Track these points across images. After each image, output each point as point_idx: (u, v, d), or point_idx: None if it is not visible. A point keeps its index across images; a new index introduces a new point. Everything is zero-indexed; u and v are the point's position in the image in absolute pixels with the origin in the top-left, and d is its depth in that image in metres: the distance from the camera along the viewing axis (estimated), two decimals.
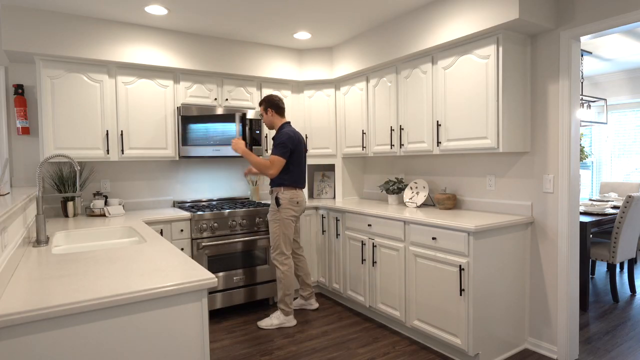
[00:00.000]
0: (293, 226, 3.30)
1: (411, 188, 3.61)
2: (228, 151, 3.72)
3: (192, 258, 3.12)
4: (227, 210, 3.49)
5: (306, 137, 4.25)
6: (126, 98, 3.35)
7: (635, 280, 4.39)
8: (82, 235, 2.55)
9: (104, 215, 3.26)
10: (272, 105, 3.31)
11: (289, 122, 3.35)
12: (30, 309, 1.16)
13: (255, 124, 3.85)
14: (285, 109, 4.15)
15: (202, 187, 4.04)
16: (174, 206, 3.86)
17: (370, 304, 3.35)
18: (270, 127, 3.37)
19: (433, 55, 3.09)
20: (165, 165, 3.86)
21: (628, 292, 4.03)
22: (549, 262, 2.76)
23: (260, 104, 3.36)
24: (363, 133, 3.83)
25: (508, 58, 2.68)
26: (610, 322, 3.29)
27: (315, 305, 3.63)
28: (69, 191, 3.25)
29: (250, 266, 3.59)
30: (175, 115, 3.58)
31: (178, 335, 1.41)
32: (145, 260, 1.71)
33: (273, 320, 3.26)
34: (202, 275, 1.46)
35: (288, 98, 4.17)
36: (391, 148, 3.51)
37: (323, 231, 3.90)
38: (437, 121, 3.07)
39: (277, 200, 3.24)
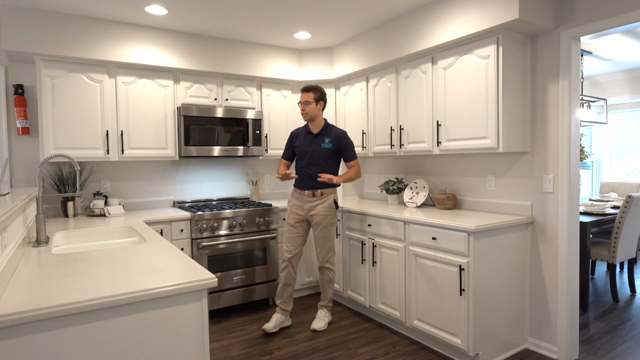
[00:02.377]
0: None
1: (411, 188, 3.61)
2: (234, 151, 3.73)
3: (192, 258, 3.12)
4: (227, 210, 3.49)
5: None
6: (126, 98, 3.35)
7: (635, 280, 4.39)
8: (82, 235, 2.55)
9: (104, 215, 3.26)
10: (325, 100, 3.15)
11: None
12: (30, 309, 1.16)
13: (255, 124, 3.85)
14: (286, 109, 4.17)
15: (202, 187, 4.05)
16: (174, 206, 3.86)
17: (370, 304, 3.35)
18: (310, 119, 3.13)
19: (433, 55, 3.09)
20: (165, 165, 3.86)
21: (628, 292, 4.03)
22: (549, 262, 2.76)
23: (310, 90, 3.09)
24: (363, 133, 3.83)
25: (508, 58, 2.68)
26: (610, 322, 3.29)
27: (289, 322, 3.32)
28: (69, 191, 3.25)
29: (250, 266, 3.59)
30: (175, 115, 3.58)
31: (178, 335, 1.41)
32: (145, 260, 1.71)
33: (325, 320, 3.27)
34: (202, 275, 1.46)
35: (288, 98, 4.17)
36: (391, 148, 3.51)
37: None
38: (437, 121, 3.07)
39: (335, 202, 3.17)
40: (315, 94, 3.10)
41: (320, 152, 3.13)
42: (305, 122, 3.23)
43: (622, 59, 5.02)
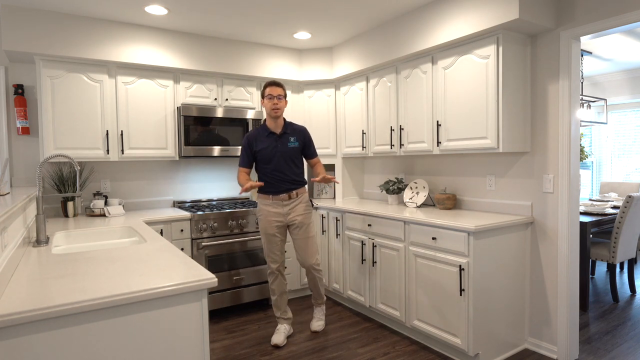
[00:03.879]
0: None
1: (411, 188, 3.61)
2: (234, 151, 3.73)
3: (192, 258, 3.12)
4: (227, 210, 3.49)
5: None
6: (126, 98, 3.35)
7: (635, 280, 4.39)
8: (82, 235, 2.55)
9: (104, 215, 3.26)
10: None
11: None
12: (30, 309, 1.16)
13: (255, 124, 3.85)
14: (286, 109, 4.17)
15: (202, 187, 4.04)
16: (174, 206, 3.86)
17: (370, 304, 3.35)
18: (279, 116, 2.93)
19: (433, 55, 3.09)
20: (165, 165, 3.86)
21: (628, 292, 4.02)
22: (549, 262, 2.76)
23: (281, 84, 2.93)
24: (363, 133, 3.83)
25: (508, 58, 2.68)
26: (610, 322, 3.29)
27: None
28: (69, 191, 3.25)
29: (250, 266, 3.59)
30: (175, 115, 3.58)
31: (178, 335, 1.41)
32: (145, 260, 1.71)
33: (323, 318, 3.26)
34: (202, 275, 1.46)
35: (288, 98, 4.17)
36: (391, 148, 3.51)
37: (323, 231, 3.90)
38: (437, 121, 3.07)
39: (311, 201, 3.10)
40: (284, 89, 2.94)
41: (289, 153, 2.95)
42: (261, 124, 3.00)
43: (622, 59, 5.02)
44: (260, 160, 2.97)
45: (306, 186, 3.12)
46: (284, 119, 3.02)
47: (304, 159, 3.13)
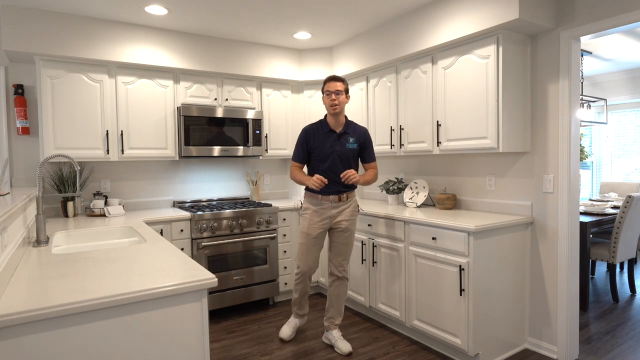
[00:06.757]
0: None
1: (411, 188, 3.61)
2: (234, 151, 3.73)
3: (192, 258, 3.12)
4: (227, 210, 3.49)
5: None
6: (126, 98, 3.35)
7: (635, 280, 4.39)
8: (82, 235, 2.55)
9: (104, 215, 3.26)
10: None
11: None
12: (30, 309, 1.16)
13: (255, 124, 3.85)
14: (286, 109, 4.17)
15: (202, 187, 4.04)
16: (174, 206, 3.86)
17: (371, 304, 3.35)
18: (339, 113, 2.77)
19: (433, 55, 3.09)
20: (165, 165, 3.86)
21: (628, 292, 4.03)
22: (549, 262, 2.76)
23: (340, 79, 2.76)
24: None
25: (508, 58, 2.68)
26: (610, 322, 3.29)
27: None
28: (69, 191, 3.25)
29: (250, 266, 3.59)
30: (175, 115, 3.58)
31: (178, 335, 1.41)
32: (145, 260, 1.71)
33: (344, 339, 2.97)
34: (202, 275, 1.46)
35: (288, 98, 4.17)
36: (391, 148, 3.51)
37: None
38: (437, 121, 3.07)
39: (358, 206, 2.96)
40: (345, 84, 2.76)
41: (346, 154, 2.80)
42: (321, 119, 2.87)
43: (622, 59, 5.02)
44: (315, 157, 2.83)
45: (355, 190, 2.92)
46: (346, 117, 2.87)
47: (359, 162, 2.95)
